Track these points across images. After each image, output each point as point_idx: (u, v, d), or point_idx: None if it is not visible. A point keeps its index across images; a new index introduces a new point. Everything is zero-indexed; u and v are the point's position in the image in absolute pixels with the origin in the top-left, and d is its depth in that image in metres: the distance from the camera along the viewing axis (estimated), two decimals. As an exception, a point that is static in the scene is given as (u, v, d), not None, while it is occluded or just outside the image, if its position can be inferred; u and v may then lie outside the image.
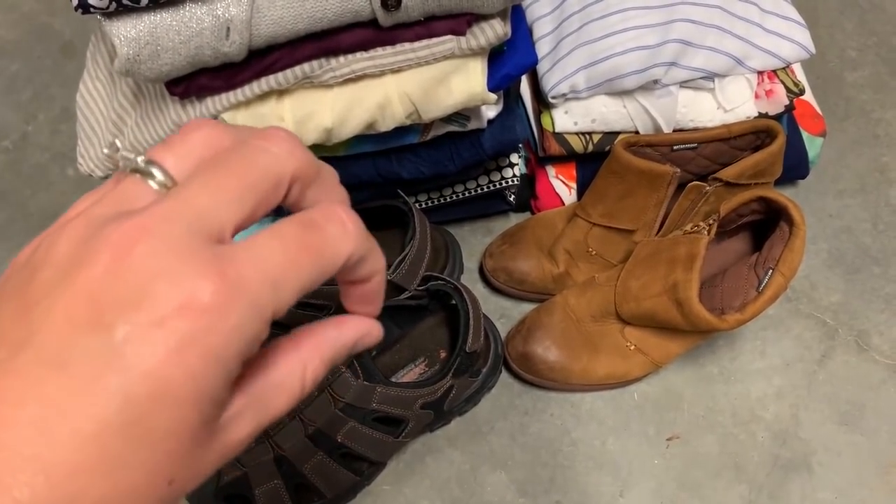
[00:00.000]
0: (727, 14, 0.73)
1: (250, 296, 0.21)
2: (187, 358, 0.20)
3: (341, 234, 0.24)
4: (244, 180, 0.23)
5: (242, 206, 0.23)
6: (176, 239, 0.21)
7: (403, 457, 0.74)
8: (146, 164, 0.24)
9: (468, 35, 0.59)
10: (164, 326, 0.20)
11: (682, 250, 0.66)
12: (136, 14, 0.52)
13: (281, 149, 0.24)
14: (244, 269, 0.21)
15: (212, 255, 0.21)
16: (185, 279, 0.20)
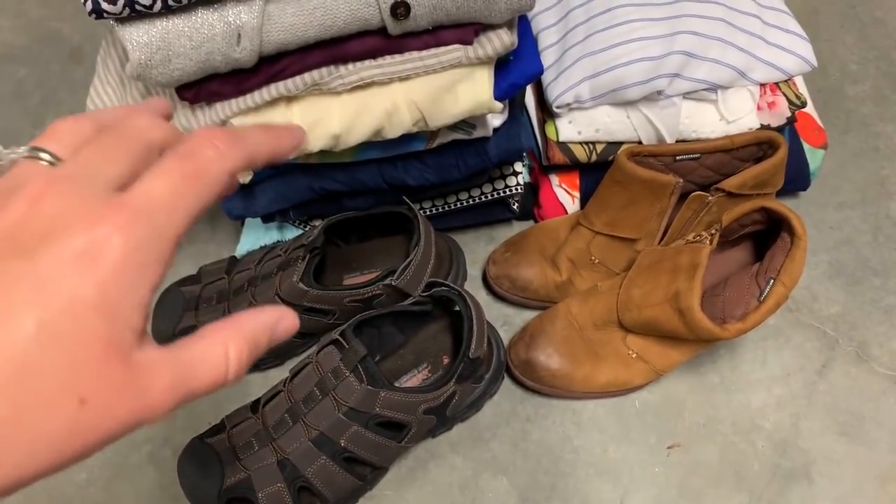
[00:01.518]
0: (730, 27, 0.74)
1: (147, 220, 0.24)
2: (96, 273, 0.23)
3: (216, 156, 0.27)
4: (119, 146, 0.27)
5: (122, 164, 0.27)
6: (77, 187, 0.25)
7: (406, 462, 0.74)
8: (32, 150, 0.27)
9: (475, 44, 0.60)
10: (76, 252, 0.23)
11: (684, 260, 0.67)
12: (148, 20, 0.53)
13: (143, 122, 0.29)
14: (138, 201, 0.25)
15: (109, 196, 0.25)
16: (90, 212, 0.24)
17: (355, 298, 0.72)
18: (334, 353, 0.65)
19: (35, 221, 0.23)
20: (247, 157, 0.29)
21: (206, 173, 0.27)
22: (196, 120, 0.61)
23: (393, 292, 0.72)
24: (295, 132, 0.32)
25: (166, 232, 0.25)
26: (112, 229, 0.23)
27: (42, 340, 0.22)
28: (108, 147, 0.27)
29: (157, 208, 0.25)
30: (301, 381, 0.66)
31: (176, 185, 0.26)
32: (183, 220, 0.26)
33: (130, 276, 0.24)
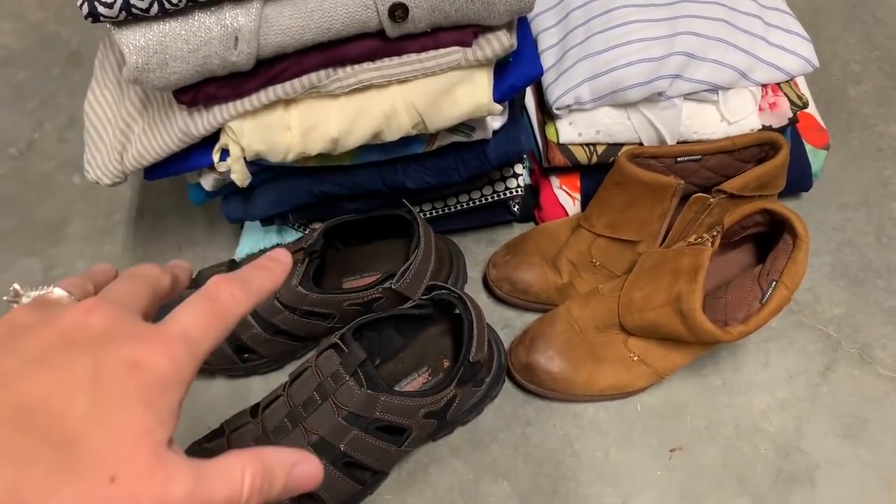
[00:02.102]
0: (731, 27, 0.73)
1: (184, 345, 0.30)
2: (144, 378, 0.27)
3: (232, 300, 0.33)
4: (139, 286, 0.34)
5: (144, 300, 0.34)
6: (118, 311, 0.30)
7: (406, 466, 0.74)
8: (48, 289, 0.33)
9: (474, 46, 0.59)
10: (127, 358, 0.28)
11: (685, 262, 0.66)
12: (145, 23, 0.53)
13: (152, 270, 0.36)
14: (176, 329, 0.30)
15: (149, 324, 0.31)
16: (135, 332, 0.29)
17: (355, 302, 0.72)
18: (334, 358, 0.64)
19: (90, 329, 0.29)
20: (255, 300, 0.35)
21: (226, 313, 0.33)
22: (194, 122, 0.60)
23: (393, 296, 0.72)
24: (284, 262, 0.38)
25: (197, 357, 0.30)
26: (156, 348, 0.28)
27: (89, 418, 0.25)
28: (130, 286, 0.34)
29: (192, 337, 0.30)
30: (300, 385, 0.66)
31: (205, 319, 0.31)
32: (208, 349, 0.31)
33: (169, 387, 0.28)
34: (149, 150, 0.63)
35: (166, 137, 0.62)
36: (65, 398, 0.25)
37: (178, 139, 0.61)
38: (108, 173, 0.66)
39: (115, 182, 0.67)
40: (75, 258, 0.89)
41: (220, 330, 0.32)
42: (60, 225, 0.92)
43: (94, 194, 0.94)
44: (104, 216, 0.92)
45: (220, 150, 0.63)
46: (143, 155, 0.63)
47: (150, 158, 0.63)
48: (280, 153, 0.62)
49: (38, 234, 0.91)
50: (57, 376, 0.26)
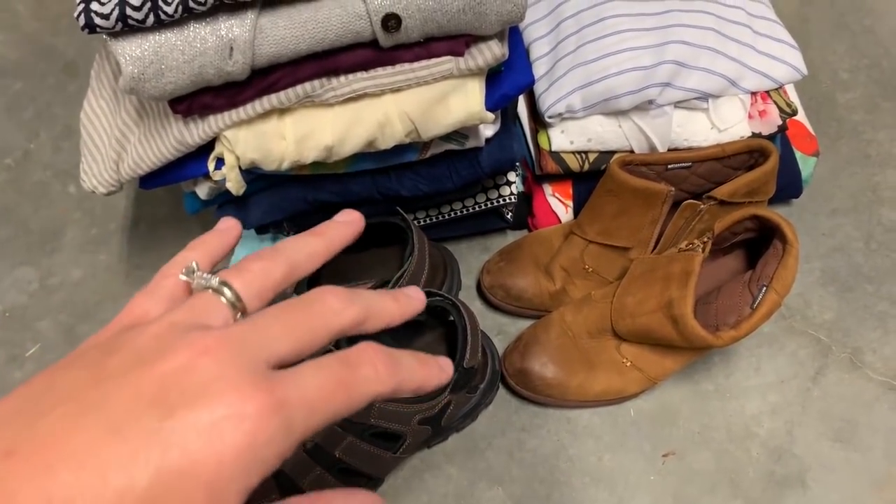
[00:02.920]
0: (720, 36, 0.74)
1: (287, 416, 0.25)
2: (220, 449, 0.23)
3: (373, 377, 0.28)
4: (306, 326, 0.28)
5: (297, 346, 0.28)
6: (241, 357, 0.25)
7: (401, 473, 0.74)
8: (219, 284, 0.29)
9: (466, 56, 0.60)
10: (211, 422, 0.23)
11: (677, 268, 0.67)
12: (141, 34, 0.53)
13: (334, 306, 0.29)
14: (288, 392, 0.25)
15: (264, 376, 0.25)
16: (239, 389, 0.24)
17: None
18: (329, 364, 0.65)
19: (187, 379, 0.24)
20: (396, 388, 0.29)
21: (357, 390, 0.27)
22: (189, 132, 0.61)
23: (387, 303, 0.72)
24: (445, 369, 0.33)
25: (295, 433, 0.25)
26: (252, 413, 0.24)
27: (147, 498, 0.23)
28: (298, 322, 0.28)
29: (301, 406, 0.25)
30: (296, 392, 0.66)
31: (328, 389, 0.26)
32: (316, 426, 0.26)
33: (248, 465, 0.24)
34: (144, 160, 0.63)
35: (162, 147, 0.62)
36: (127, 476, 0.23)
37: (173, 148, 0.62)
38: (103, 182, 0.66)
39: (111, 191, 0.67)
40: (70, 267, 0.90)
41: (342, 406, 0.27)
42: (56, 234, 0.92)
43: (90, 204, 0.94)
44: (99, 225, 0.93)
45: (216, 159, 0.64)
46: (138, 164, 0.64)
47: (145, 167, 0.64)
48: (275, 161, 0.63)
49: (34, 243, 0.92)
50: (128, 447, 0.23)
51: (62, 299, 0.88)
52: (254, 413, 0.24)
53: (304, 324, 0.28)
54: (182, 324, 0.27)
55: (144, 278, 0.88)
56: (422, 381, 0.31)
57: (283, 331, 0.27)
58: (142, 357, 0.25)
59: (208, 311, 0.28)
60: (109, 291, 0.88)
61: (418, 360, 0.31)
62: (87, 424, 0.23)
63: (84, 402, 0.24)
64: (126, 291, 0.88)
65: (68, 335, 0.85)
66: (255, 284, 0.30)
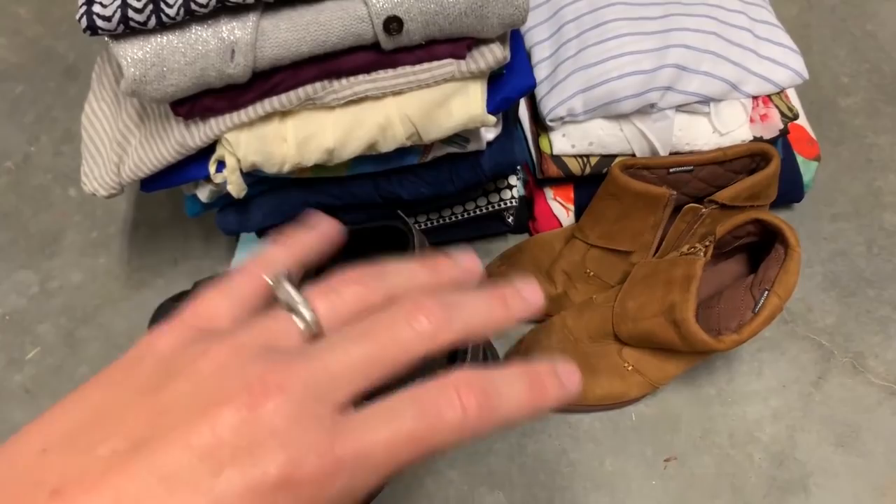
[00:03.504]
0: (722, 40, 0.74)
1: (348, 474, 0.23)
2: None
3: (458, 420, 0.24)
4: (383, 355, 0.25)
5: (371, 380, 0.25)
6: (305, 405, 0.23)
7: (402, 478, 0.74)
8: (303, 306, 0.26)
9: (468, 59, 0.60)
10: (264, 482, 0.22)
11: (678, 272, 0.67)
12: (143, 36, 0.53)
13: (426, 328, 0.25)
14: (353, 446, 0.23)
15: (330, 425, 0.23)
16: (299, 446, 0.22)
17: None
18: (329, 368, 0.64)
19: (243, 431, 0.22)
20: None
21: (433, 441, 0.24)
22: (190, 134, 0.61)
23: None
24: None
25: (357, 489, 0.23)
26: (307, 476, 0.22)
27: None
28: (373, 350, 0.25)
29: (366, 463, 0.23)
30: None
31: (399, 446, 0.23)
32: (378, 478, 0.23)
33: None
34: (145, 162, 0.63)
35: (163, 149, 0.62)
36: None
37: (174, 151, 0.62)
38: (104, 185, 0.66)
39: (112, 194, 0.67)
40: (71, 271, 0.89)
41: (412, 453, 0.24)
42: (56, 237, 0.92)
43: (90, 207, 0.94)
44: (100, 229, 0.93)
45: (217, 162, 0.64)
46: (139, 167, 0.64)
47: (146, 170, 0.64)
48: (276, 164, 0.63)
49: (34, 246, 0.92)
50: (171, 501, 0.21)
51: (62, 303, 0.87)
52: (311, 473, 0.22)
53: (388, 355, 0.25)
54: (250, 348, 0.25)
55: (144, 281, 0.88)
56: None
57: (363, 365, 0.25)
58: (201, 392, 0.23)
59: (282, 335, 0.26)
60: (109, 295, 0.88)
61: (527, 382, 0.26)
62: (137, 471, 0.22)
63: (136, 441, 0.23)
64: (126, 295, 0.87)
65: (68, 339, 0.85)
66: (341, 311, 0.27)
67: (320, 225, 0.33)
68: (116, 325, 0.85)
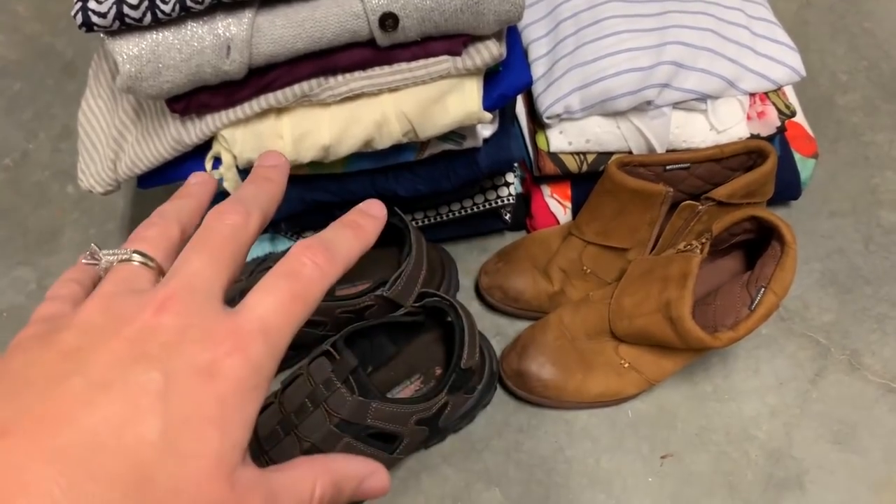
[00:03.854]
0: (719, 37, 0.74)
1: (262, 341, 0.26)
2: (217, 388, 0.24)
3: (318, 273, 0.29)
4: (226, 251, 0.29)
5: (226, 272, 0.29)
6: (193, 303, 0.26)
7: (398, 473, 0.74)
8: (128, 253, 0.30)
9: (464, 55, 0.60)
10: (199, 365, 0.24)
11: (675, 269, 0.67)
12: (138, 32, 0.53)
13: (237, 219, 0.30)
14: (252, 323, 0.26)
15: (226, 314, 0.27)
16: (210, 330, 0.25)
17: (347, 309, 0.72)
18: (325, 365, 0.64)
19: (159, 333, 0.25)
20: (343, 268, 0.30)
21: (309, 293, 0.28)
22: (186, 131, 0.61)
23: (384, 303, 0.72)
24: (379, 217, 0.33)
25: (276, 352, 0.27)
26: (232, 349, 0.25)
27: (161, 447, 0.23)
28: (211, 255, 0.28)
29: (269, 329, 0.27)
30: (293, 392, 0.66)
31: (285, 306, 0.27)
32: (288, 339, 0.27)
33: (246, 394, 0.25)
34: (142, 159, 0.63)
35: (159, 146, 0.62)
36: (135, 426, 0.23)
37: (170, 147, 0.62)
38: (101, 182, 0.66)
39: (109, 190, 0.67)
40: (68, 268, 0.89)
41: (304, 313, 0.28)
42: (54, 234, 0.92)
43: (88, 204, 0.94)
44: (97, 226, 0.93)
45: (213, 159, 0.64)
46: (136, 163, 0.64)
47: (143, 167, 0.64)
48: (272, 161, 0.62)
49: (32, 243, 0.92)
50: (126, 400, 0.23)
51: (60, 300, 0.87)
52: (234, 349, 0.25)
53: (226, 250, 0.29)
54: (116, 293, 0.27)
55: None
56: (361, 244, 0.32)
57: (213, 265, 0.28)
58: (98, 327, 0.26)
59: (131, 278, 0.29)
60: (107, 292, 0.88)
61: (347, 227, 0.32)
62: (75, 387, 0.23)
63: (61, 370, 0.24)
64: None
65: (66, 335, 0.85)
66: (160, 245, 0.31)
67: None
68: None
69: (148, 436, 0.23)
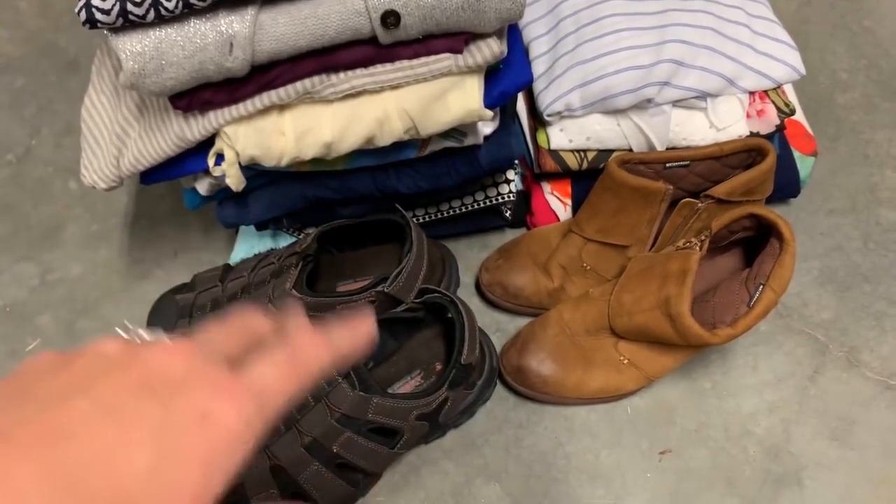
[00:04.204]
0: (719, 35, 0.75)
1: (258, 401, 0.28)
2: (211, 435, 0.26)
3: (315, 357, 0.32)
4: (236, 332, 0.33)
5: (237, 345, 0.32)
6: (205, 357, 0.29)
7: (399, 468, 0.74)
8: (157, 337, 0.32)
9: (465, 53, 0.60)
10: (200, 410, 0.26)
11: (674, 266, 0.67)
12: (142, 29, 0.54)
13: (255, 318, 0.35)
14: (252, 382, 0.29)
15: (228, 372, 0.29)
16: (214, 382, 0.28)
17: (348, 305, 0.72)
18: (327, 360, 0.65)
19: (167, 373, 0.27)
20: (336, 358, 0.34)
21: (306, 368, 0.32)
22: (189, 127, 0.61)
23: (385, 299, 0.72)
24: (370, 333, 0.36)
25: (267, 413, 0.29)
26: (231, 403, 0.27)
27: (147, 477, 0.24)
28: (227, 331, 0.33)
29: (266, 391, 0.29)
30: (294, 387, 0.66)
31: (283, 374, 0.30)
32: (281, 405, 0.30)
33: (234, 446, 0.27)
34: (145, 155, 0.64)
35: (162, 142, 0.63)
36: (128, 453, 0.24)
37: (173, 144, 0.62)
38: (104, 177, 0.67)
39: (112, 186, 0.67)
40: (71, 263, 0.90)
41: (296, 390, 0.31)
42: (56, 230, 0.93)
43: (90, 200, 0.95)
44: (100, 221, 0.93)
45: (216, 155, 0.64)
46: (139, 159, 0.64)
47: (145, 163, 0.64)
48: (274, 158, 0.63)
49: (35, 238, 0.92)
50: (124, 426, 0.25)
51: (62, 295, 0.88)
52: (232, 402, 0.27)
53: (240, 330, 0.33)
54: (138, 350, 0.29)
55: (144, 274, 0.89)
56: (354, 348, 0.35)
57: (226, 337, 0.32)
58: (112, 359, 0.28)
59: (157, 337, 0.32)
60: (109, 287, 0.88)
61: (347, 329, 0.35)
62: (79, 407, 0.25)
63: (68, 390, 0.26)
64: (126, 287, 0.88)
65: (68, 330, 0.85)
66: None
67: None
68: (116, 316, 0.86)
69: (138, 462, 0.24)
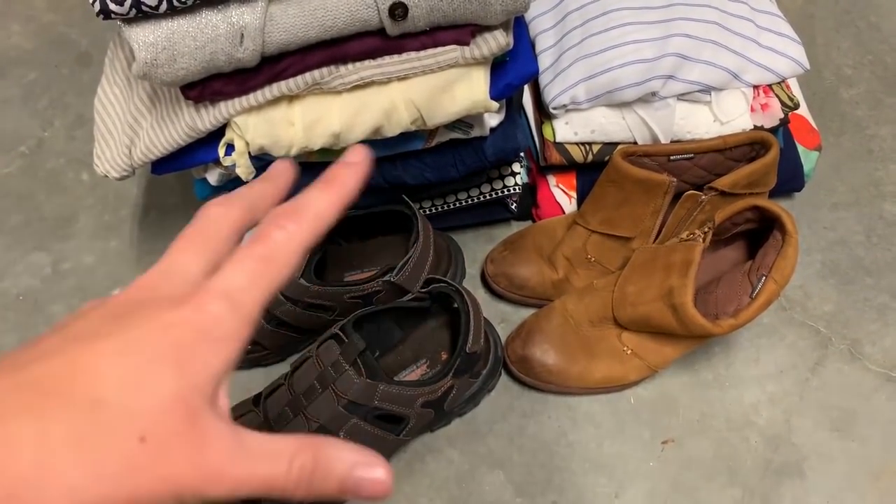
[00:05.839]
0: (723, 29, 0.75)
1: (225, 301, 0.27)
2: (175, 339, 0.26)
3: (285, 236, 0.29)
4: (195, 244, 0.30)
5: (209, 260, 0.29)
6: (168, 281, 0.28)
7: (404, 455, 0.75)
8: None
9: (472, 45, 0.61)
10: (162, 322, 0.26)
11: (677, 257, 0.68)
12: (154, 20, 0.55)
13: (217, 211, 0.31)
14: (217, 287, 0.27)
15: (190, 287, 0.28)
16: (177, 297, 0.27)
17: (355, 295, 0.73)
18: (334, 347, 0.66)
19: (136, 298, 0.28)
20: (317, 225, 0.30)
21: (277, 256, 0.29)
22: (200, 118, 0.62)
23: (392, 289, 0.73)
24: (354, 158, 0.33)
25: (242, 313, 0.27)
26: (193, 307, 0.26)
27: (119, 382, 0.24)
28: (186, 246, 0.30)
29: (235, 291, 0.27)
30: (302, 374, 0.68)
31: (251, 270, 0.28)
32: (259, 302, 0.28)
33: (206, 347, 0.26)
34: (156, 145, 0.65)
35: (173, 132, 0.64)
36: (97, 363, 0.24)
37: (184, 134, 0.63)
38: (116, 167, 0.68)
39: (124, 176, 0.69)
40: (83, 253, 0.91)
41: (274, 273, 0.28)
42: (69, 220, 0.94)
43: (102, 191, 0.96)
44: (111, 212, 0.94)
45: (226, 145, 0.65)
46: (150, 149, 0.65)
47: (157, 153, 0.65)
48: (283, 148, 0.64)
49: (47, 229, 0.93)
50: (98, 348, 0.25)
51: (74, 284, 0.89)
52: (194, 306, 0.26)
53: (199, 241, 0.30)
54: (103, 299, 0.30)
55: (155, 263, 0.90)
56: (337, 198, 0.31)
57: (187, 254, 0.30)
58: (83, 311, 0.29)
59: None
60: (120, 277, 0.89)
61: (322, 184, 0.31)
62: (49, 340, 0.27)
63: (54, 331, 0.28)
64: (136, 276, 0.89)
65: (80, 319, 0.86)
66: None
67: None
68: (127, 306, 0.87)
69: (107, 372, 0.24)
